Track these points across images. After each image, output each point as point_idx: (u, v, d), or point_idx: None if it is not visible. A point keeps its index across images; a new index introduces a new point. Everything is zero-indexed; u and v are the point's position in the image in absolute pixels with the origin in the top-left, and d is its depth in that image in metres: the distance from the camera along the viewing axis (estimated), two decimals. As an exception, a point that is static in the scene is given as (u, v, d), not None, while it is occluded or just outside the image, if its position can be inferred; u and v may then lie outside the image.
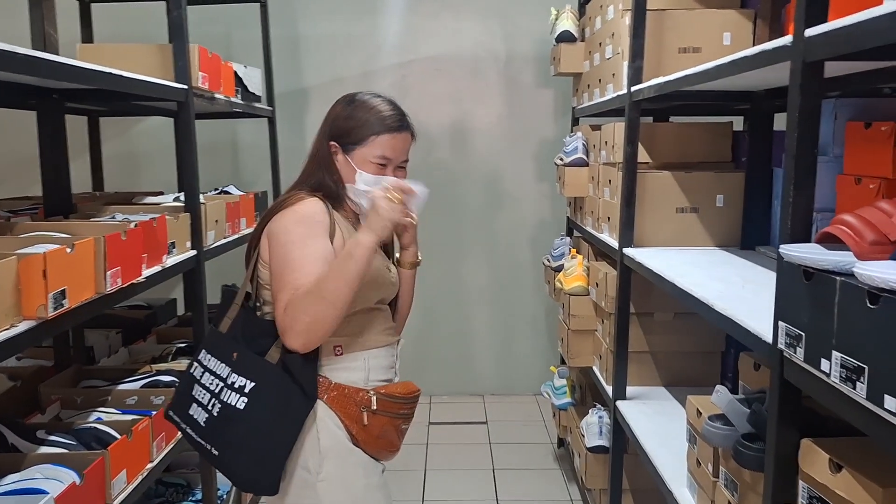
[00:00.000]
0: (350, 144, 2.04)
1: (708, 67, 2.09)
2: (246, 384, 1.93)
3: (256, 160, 5.04)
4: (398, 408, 2.05)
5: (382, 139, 2.03)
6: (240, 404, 1.92)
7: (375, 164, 2.03)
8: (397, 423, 2.07)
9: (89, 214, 2.81)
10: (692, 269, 2.49)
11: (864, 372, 1.20)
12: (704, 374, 3.18)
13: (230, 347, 2.00)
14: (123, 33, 4.66)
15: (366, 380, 2.04)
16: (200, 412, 2.00)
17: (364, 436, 2.01)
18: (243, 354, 1.97)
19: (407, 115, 2.11)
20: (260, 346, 1.96)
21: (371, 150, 2.03)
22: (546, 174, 5.21)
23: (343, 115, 2.08)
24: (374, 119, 2.04)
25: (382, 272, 2.09)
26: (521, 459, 4.43)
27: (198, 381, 2.03)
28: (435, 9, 5.15)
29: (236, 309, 2.04)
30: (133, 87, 2.44)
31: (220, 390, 1.97)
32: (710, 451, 2.05)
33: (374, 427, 2.02)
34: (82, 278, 1.99)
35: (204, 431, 1.99)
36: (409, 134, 2.10)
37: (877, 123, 1.92)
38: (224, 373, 1.98)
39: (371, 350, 2.06)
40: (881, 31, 1.21)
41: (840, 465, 1.42)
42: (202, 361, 2.05)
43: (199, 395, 2.01)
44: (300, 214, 1.97)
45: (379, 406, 2.01)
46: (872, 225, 1.32)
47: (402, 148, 2.07)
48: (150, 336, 3.63)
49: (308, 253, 1.91)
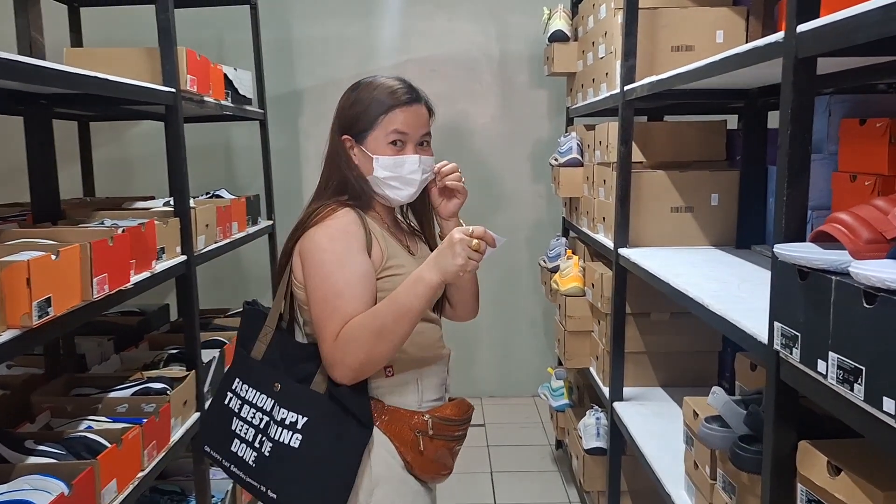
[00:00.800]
0: (362, 132, 1.90)
1: (700, 65, 2.07)
2: (298, 419, 1.80)
3: (249, 163, 5.02)
4: (454, 430, 1.95)
5: (392, 115, 1.87)
6: (294, 442, 1.79)
7: (391, 145, 1.88)
8: (451, 445, 1.96)
9: (78, 221, 2.78)
10: (687, 268, 2.47)
11: (862, 373, 1.18)
12: (701, 374, 3.15)
13: (270, 377, 1.87)
14: (113, 37, 4.64)
15: (419, 401, 1.93)
16: (247, 451, 1.87)
17: (419, 461, 1.90)
18: (287, 385, 1.84)
19: (420, 90, 1.96)
20: (302, 373, 1.85)
21: (383, 130, 1.87)
22: (542, 174, 5.19)
23: (349, 104, 1.93)
24: (380, 96, 1.88)
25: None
26: (519, 462, 4.41)
27: (237, 414, 1.91)
28: (428, 10, 5.13)
29: (270, 333, 1.90)
30: (120, 91, 2.41)
31: (267, 426, 1.84)
32: (708, 453, 2.03)
33: (430, 452, 1.90)
34: (68, 286, 1.96)
35: (255, 472, 1.86)
36: (424, 107, 1.94)
37: (872, 120, 1.90)
38: (268, 406, 1.85)
39: (423, 368, 1.94)
40: (873, 25, 1.19)
41: (839, 468, 1.40)
42: (238, 392, 1.92)
43: (242, 430, 1.89)
44: (334, 230, 1.83)
45: (435, 430, 1.90)
46: (868, 223, 1.29)
47: (416, 122, 1.91)
48: (142, 342, 3.60)
49: (349, 275, 1.79)
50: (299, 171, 5.13)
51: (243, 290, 5.15)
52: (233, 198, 3.81)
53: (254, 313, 1.97)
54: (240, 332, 2.01)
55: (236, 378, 1.95)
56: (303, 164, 5.14)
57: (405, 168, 1.90)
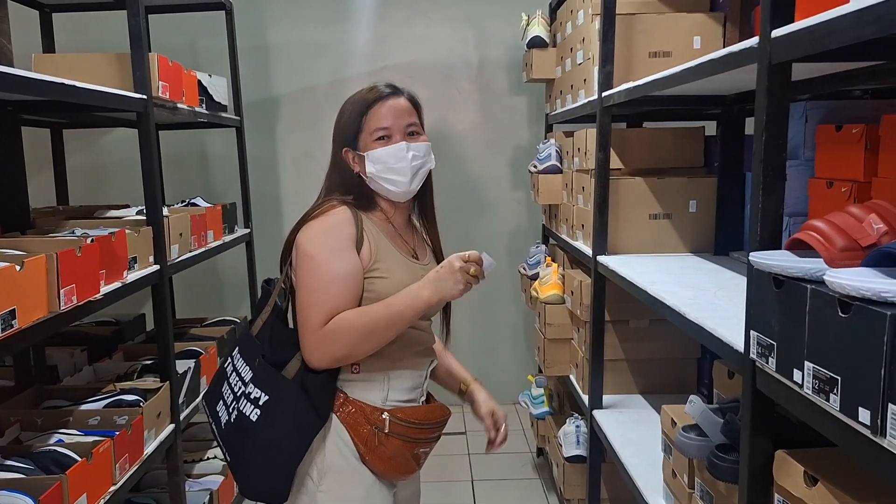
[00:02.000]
0: (353, 138, 1.98)
1: (676, 71, 2.05)
2: (261, 396, 1.90)
3: (225, 171, 4.97)
4: (414, 433, 1.97)
5: (372, 112, 1.96)
6: (253, 416, 1.90)
7: (378, 141, 1.96)
8: (413, 447, 1.98)
9: (47, 230, 2.74)
10: (665, 275, 2.46)
11: (838, 383, 1.16)
12: (680, 381, 3.15)
13: (256, 352, 1.96)
14: (86, 43, 4.59)
15: (384, 399, 1.97)
16: (224, 412, 2.00)
17: (372, 457, 1.94)
18: (263, 364, 1.93)
19: (402, 87, 2.04)
20: (283, 354, 1.92)
21: (368, 129, 1.96)
22: (521, 181, 5.17)
23: (339, 118, 2.03)
24: (363, 97, 1.98)
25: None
26: (500, 470, 4.38)
27: (227, 378, 2.02)
28: (406, 15, 5.11)
29: (268, 311, 1.99)
30: (88, 98, 2.37)
31: (240, 396, 1.95)
32: (686, 462, 2.02)
33: (386, 449, 1.94)
34: (33, 297, 1.92)
35: (223, 434, 1.99)
36: (404, 98, 2.01)
37: (847, 126, 1.89)
38: (247, 377, 1.96)
39: (393, 370, 1.98)
40: (846, 30, 1.17)
41: (815, 478, 1.38)
42: (233, 359, 2.03)
43: (226, 394, 2.01)
44: (327, 225, 1.91)
45: (392, 429, 1.94)
46: (843, 231, 1.28)
47: (398, 112, 1.98)
48: (116, 353, 3.55)
49: (337, 269, 1.87)
50: (277, 178, 5.08)
51: (220, 299, 5.10)
52: (208, 206, 3.77)
53: (266, 292, 2.04)
54: (255, 307, 2.08)
55: (236, 346, 2.05)
56: (280, 171, 5.10)
57: (393, 156, 1.96)
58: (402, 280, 1.93)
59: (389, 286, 1.91)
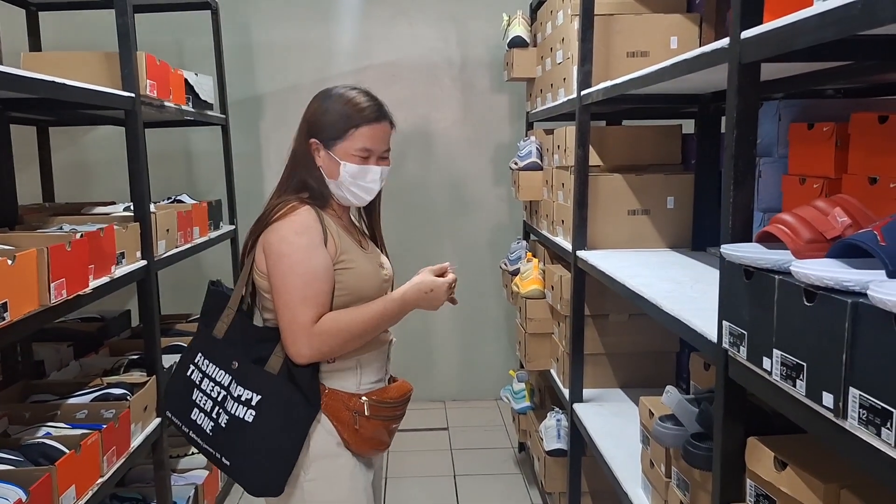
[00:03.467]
0: (330, 139, 2.04)
1: (652, 70, 2.11)
2: (253, 397, 1.96)
3: (210, 168, 5.00)
4: (390, 411, 2.09)
5: (362, 131, 2.03)
6: (248, 417, 1.96)
7: (358, 157, 2.04)
8: (388, 424, 2.10)
9: (35, 226, 2.77)
10: (643, 269, 2.51)
11: (804, 369, 1.21)
12: (660, 375, 3.19)
13: (229, 355, 2.02)
14: (72, 41, 4.60)
15: (358, 384, 2.07)
16: (206, 420, 2.03)
17: (355, 439, 2.04)
18: (244, 364, 2.00)
19: (385, 105, 2.11)
20: (259, 353, 2.00)
21: (352, 143, 2.03)
22: (502, 178, 5.22)
23: (321, 111, 2.07)
24: (352, 111, 2.03)
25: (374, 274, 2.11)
26: (482, 465, 4.43)
27: (197, 385, 2.06)
28: (389, 15, 5.15)
29: (232, 314, 2.05)
30: (77, 96, 2.40)
31: (224, 400, 2.00)
32: (663, 452, 2.06)
33: (366, 431, 2.04)
34: (24, 291, 1.96)
35: (212, 441, 2.02)
36: (389, 123, 2.10)
37: (819, 124, 1.95)
38: (225, 381, 2.01)
39: (363, 355, 2.08)
40: (811, 31, 1.23)
41: (784, 463, 1.43)
42: (199, 366, 2.07)
43: (201, 401, 2.04)
44: (298, 225, 1.98)
45: (371, 412, 2.04)
46: (809, 224, 1.33)
47: (382, 138, 2.08)
48: (102, 349, 3.58)
49: (316, 266, 1.96)
50: (261, 175, 5.12)
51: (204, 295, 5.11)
52: (194, 203, 3.80)
53: (218, 294, 2.12)
54: (203, 310, 2.14)
55: (199, 353, 2.09)
56: (265, 168, 5.13)
57: (368, 177, 2.07)
58: (365, 268, 2.06)
59: (356, 276, 2.03)
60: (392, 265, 2.27)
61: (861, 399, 1.08)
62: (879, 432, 1.05)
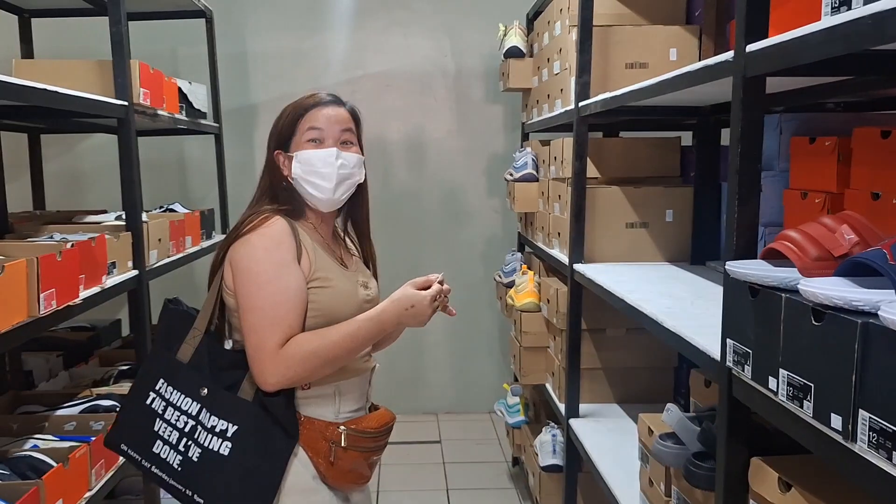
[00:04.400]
0: (286, 141, 1.94)
1: (653, 83, 2.09)
2: (228, 427, 1.81)
3: (204, 177, 4.97)
4: (369, 442, 1.93)
5: (308, 115, 1.92)
6: (224, 450, 1.80)
7: (309, 143, 1.92)
8: (368, 456, 1.95)
9: (26, 235, 2.73)
10: (642, 284, 2.48)
11: (811, 390, 1.19)
12: (657, 390, 3.17)
13: (197, 381, 1.86)
14: (65, 48, 4.57)
15: (336, 413, 1.92)
16: (171, 453, 1.86)
17: (332, 472, 1.89)
18: (214, 391, 1.84)
19: (344, 100, 2.00)
20: (229, 379, 1.85)
21: (301, 132, 1.92)
22: (497, 189, 5.20)
23: (276, 122, 1.99)
24: (299, 104, 1.96)
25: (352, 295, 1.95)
26: (475, 479, 4.39)
27: (160, 415, 1.88)
28: (384, 25, 5.13)
29: (199, 336, 1.89)
30: (69, 104, 2.37)
31: (194, 431, 1.84)
32: (662, 470, 2.04)
33: (344, 463, 1.89)
34: (13, 301, 1.92)
35: (181, 476, 1.85)
36: (345, 110, 1.97)
37: (821, 138, 1.93)
38: (194, 410, 1.85)
39: (342, 381, 1.93)
40: (818, 46, 1.21)
41: (789, 484, 1.41)
42: (161, 393, 1.89)
43: (165, 432, 1.87)
44: (268, 239, 1.84)
45: (348, 442, 1.88)
46: (816, 241, 1.31)
47: (332, 119, 1.93)
48: (92, 359, 3.54)
49: (286, 285, 1.82)
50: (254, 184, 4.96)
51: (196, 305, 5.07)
52: (187, 212, 3.77)
53: (178, 313, 1.97)
54: (162, 331, 1.98)
55: (160, 379, 1.91)
56: (258, 177, 5.05)
57: (321, 160, 1.91)
58: (342, 288, 1.91)
59: (332, 296, 1.88)
60: (380, 284, 2.11)
61: (871, 422, 1.06)
62: (890, 456, 1.03)
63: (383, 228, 4.82)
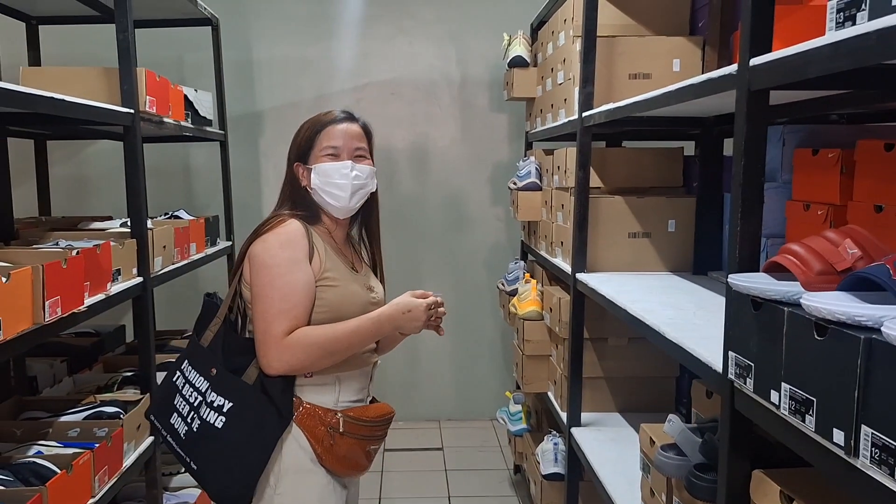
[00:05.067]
0: (305, 154, 2.14)
1: (657, 94, 2.09)
2: (224, 404, 2.00)
3: (209, 184, 4.99)
4: (367, 430, 2.10)
5: (326, 131, 2.13)
6: (218, 423, 1.99)
7: (327, 157, 2.12)
8: (364, 444, 2.11)
9: (31, 241, 2.74)
10: (644, 294, 2.49)
11: (813, 404, 1.19)
12: (659, 400, 3.18)
13: (209, 362, 2.06)
14: (71, 55, 4.59)
15: (336, 401, 2.09)
16: (181, 423, 2.06)
17: (328, 456, 2.05)
18: (221, 372, 2.03)
19: (358, 115, 2.21)
20: (238, 363, 2.03)
21: (319, 145, 2.12)
22: (500, 198, 5.21)
23: (295, 138, 2.18)
24: (317, 120, 2.16)
25: (358, 295, 2.14)
26: (477, 486, 4.40)
27: (179, 391, 2.10)
28: (389, 33, 5.15)
29: (218, 323, 2.09)
30: (76, 112, 2.38)
31: (199, 405, 2.04)
32: (664, 481, 2.04)
33: (340, 448, 2.06)
34: (18, 308, 1.93)
35: (184, 444, 2.06)
36: (358, 125, 2.18)
37: (824, 150, 1.93)
38: (203, 387, 2.04)
39: (343, 373, 2.10)
40: (822, 61, 1.21)
41: (791, 498, 1.41)
42: (184, 372, 2.11)
43: (180, 405, 2.08)
44: (283, 238, 2.03)
45: (346, 428, 2.06)
46: (819, 255, 1.31)
47: (350, 134, 2.15)
48: (96, 364, 3.55)
49: (295, 280, 2.00)
50: (259, 191, 5.10)
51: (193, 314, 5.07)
52: (191, 218, 3.78)
53: (211, 304, 2.17)
54: (197, 320, 2.17)
55: (186, 360, 2.13)
56: (262, 184, 5.12)
57: (337, 171, 2.12)
58: (349, 289, 2.10)
59: (339, 294, 2.07)
60: (386, 289, 2.31)
61: (874, 437, 1.07)
62: (892, 472, 1.03)
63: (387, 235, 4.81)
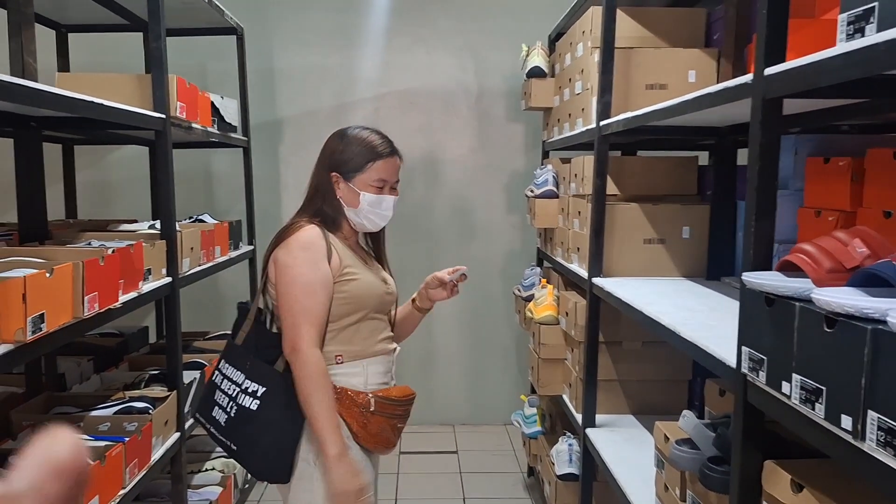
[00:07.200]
0: (350, 172, 2.29)
1: (673, 104, 2.16)
2: (258, 389, 2.20)
3: (230, 189, 5.08)
4: (394, 409, 2.29)
5: (378, 164, 2.29)
6: (253, 406, 2.18)
7: (375, 187, 2.30)
8: (393, 422, 2.30)
9: (65, 241, 2.83)
10: (659, 298, 2.55)
11: (823, 393, 1.26)
12: (672, 402, 3.23)
13: (245, 357, 2.25)
14: (98, 63, 4.69)
15: (365, 384, 2.28)
16: (221, 414, 2.25)
17: (363, 433, 2.24)
18: (255, 363, 2.23)
19: (393, 142, 2.37)
20: (270, 355, 2.23)
21: (370, 175, 2.29)
22: (516, 205, 5.28)
23: (339, 149, 2.32)
24: (368, 148, 2.30)
25: (377, 286, 2.33)
26: (491, 489, 4.45)
27: (218, 387, 2.28)
28: (408, 43, 5.23)
29: (250, 323, 2.29)
30: (113, 116, 2.47)
31: (237, 395, 2.23)
32: (678, 475, 2.10)
33: (373, 426, 2.25)
34: (61, 303, 2.01)
35: (225, 430, 2.24)
36: (398, 157, 2.37)
37: (835, 158, 2.00)
38: (240, 379, 2.24)
39: (368, 359, 2.29)
40: (835, 70, 1.28)
41: (801, 486, 1.47)
42: (222, 370, 2.30)
43: (220, 399, 2.26)
44: (302, 241, 2.21)
45: (377, 408, 2.25)
46: (829, 253, 1.38)
47: (394, 170, 2.35)
48: (122, 363, 3.63)
49: (314, 279, 2.18)
50: (278, 197, 5.18)
51: (221, 314, 5.16)
52: (216, 222, 3.86)
53: (244, 309, 2.37)
54: (234, 324, 2.36)
55: (223, 359, 2.33)
56: (282, 191, 5.20)
57: (384, 205, 2.34)
58: (368, 279, 2.30)
59: (359, 286, 2.26)
60: (398, 285, 2.49)
61: (879, 421, 1.13)
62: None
63: (404, 242, 4.91)
